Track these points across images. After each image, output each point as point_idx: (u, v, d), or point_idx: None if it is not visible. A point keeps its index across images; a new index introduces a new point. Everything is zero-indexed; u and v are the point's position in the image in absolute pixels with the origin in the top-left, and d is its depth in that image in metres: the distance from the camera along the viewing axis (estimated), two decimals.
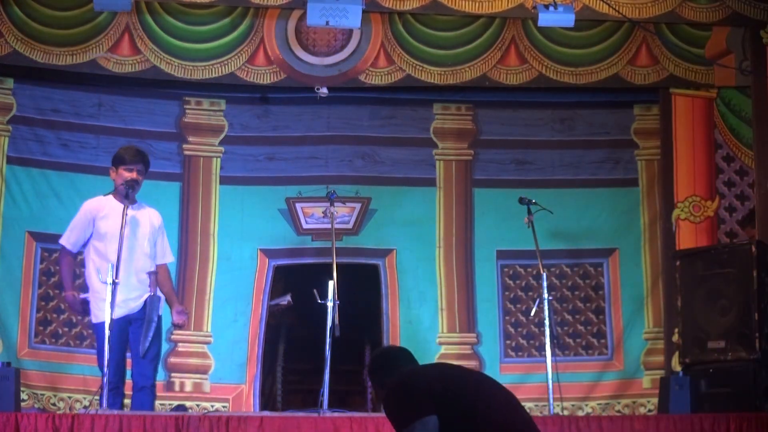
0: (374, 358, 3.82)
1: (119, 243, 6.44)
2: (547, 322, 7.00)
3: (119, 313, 6.54)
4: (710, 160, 8.56)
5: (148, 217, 6.98)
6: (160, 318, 6.76)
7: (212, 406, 8.31)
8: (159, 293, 6.86)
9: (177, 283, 8.51)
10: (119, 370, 6.67)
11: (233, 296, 8.58)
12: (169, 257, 7.14)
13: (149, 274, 6.82)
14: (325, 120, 8.90)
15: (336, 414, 6.24)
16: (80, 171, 8.47)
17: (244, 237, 8.68)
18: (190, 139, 8.78)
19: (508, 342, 8.68)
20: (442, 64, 8.41)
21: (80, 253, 7.00)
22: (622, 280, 8.77)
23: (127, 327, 6.69)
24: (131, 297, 6.71)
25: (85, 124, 8.58)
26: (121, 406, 6.67)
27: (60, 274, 6.59)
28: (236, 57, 8.30)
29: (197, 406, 8.25)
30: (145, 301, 6.73)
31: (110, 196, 6.91)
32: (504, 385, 3.66)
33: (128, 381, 6.80)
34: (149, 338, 6.64)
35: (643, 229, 8.79)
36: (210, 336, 8.51)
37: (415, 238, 8.79)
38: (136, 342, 6.67)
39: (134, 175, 6.82)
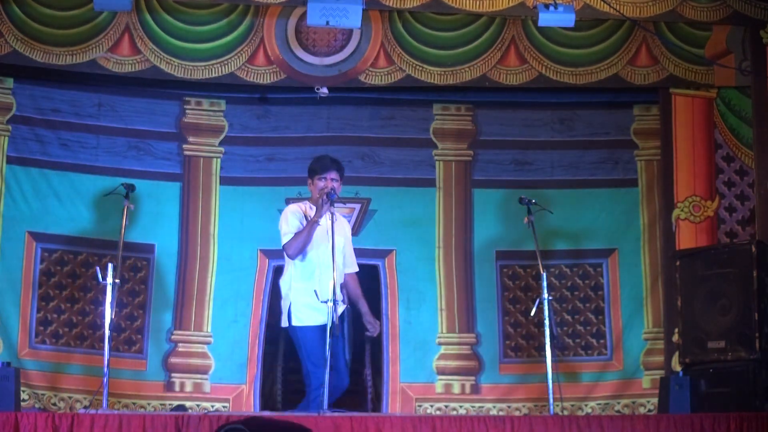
0: None
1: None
2: (546, 322, 7.00)
3: (322, 320, 6.86)
4: (710, 160, 8.55)
5: (343, 228, 7.31)
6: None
7: (212, 406, 8.31)
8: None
9: (177, 284, 8.52)
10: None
11: (233, 296, 8.58)
12: (356, 266, 7.46)
13: (341, 285, 7.11)
14: (325, 120, 8.89)
15: (336, 414, 6.24)
16: (80, 171, 8.47)
17: (244, 237, 8.67)
18: (190, 139, 8.78)
19: (507, 342, 8.67)
20: (442, 64, 8.40)
21: None
22: (621, 280, 8.75)
23: (324, 335, 6.78)
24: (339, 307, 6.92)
25: (85, 124, 8.58)
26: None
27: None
28: (236, 57, 8.30)
29: (197, 406, 8.25)
30: (344, 313, 7.03)
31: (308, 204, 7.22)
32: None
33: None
34: (348, 348, 7.08)
35: (643, 230, 8.78)
36: (210, 336, 8.50)
37: (415, 238, 8.79)
38: (337, 350, 6.93)
39: (330, 183, 7.14)
